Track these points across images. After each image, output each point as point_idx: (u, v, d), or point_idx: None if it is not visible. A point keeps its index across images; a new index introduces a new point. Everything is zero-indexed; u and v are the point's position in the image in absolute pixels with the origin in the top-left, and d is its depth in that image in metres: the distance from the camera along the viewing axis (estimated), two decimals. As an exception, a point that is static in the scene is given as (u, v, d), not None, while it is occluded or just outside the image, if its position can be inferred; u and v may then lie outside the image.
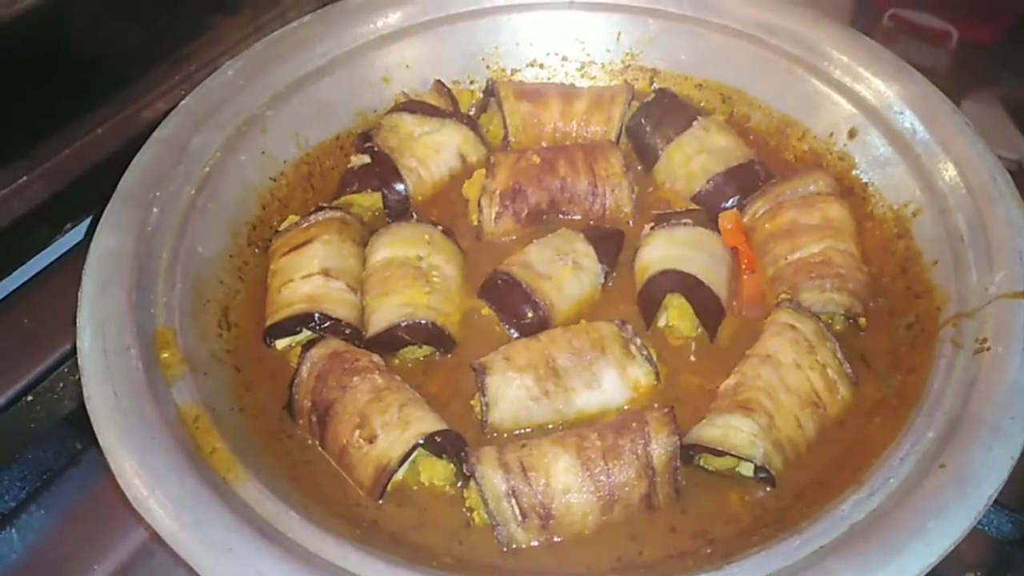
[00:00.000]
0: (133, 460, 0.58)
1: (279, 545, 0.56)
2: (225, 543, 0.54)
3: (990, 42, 1.12)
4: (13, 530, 0.72)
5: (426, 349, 0.74)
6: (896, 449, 0.61)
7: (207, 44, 0.93)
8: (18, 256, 0.84)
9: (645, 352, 0.71)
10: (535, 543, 0.64)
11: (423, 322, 0.73)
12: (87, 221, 0.86)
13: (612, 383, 0.70)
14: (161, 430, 0.60)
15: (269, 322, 0.74)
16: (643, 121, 0.87)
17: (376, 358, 0.71)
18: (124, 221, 0.71)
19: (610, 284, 0.79)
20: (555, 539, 0.64)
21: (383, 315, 0.73)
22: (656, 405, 0.69)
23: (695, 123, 0.85)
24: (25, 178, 0.83)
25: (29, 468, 0.74)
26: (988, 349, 0.64)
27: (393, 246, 0.77)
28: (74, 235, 0.86)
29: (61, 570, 0.70)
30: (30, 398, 0.78)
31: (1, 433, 0.75)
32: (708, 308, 0.74)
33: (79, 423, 0.70)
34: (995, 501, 0.56)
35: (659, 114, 0.86)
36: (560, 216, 0.84)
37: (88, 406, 0.60)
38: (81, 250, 0.70)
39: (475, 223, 0.82)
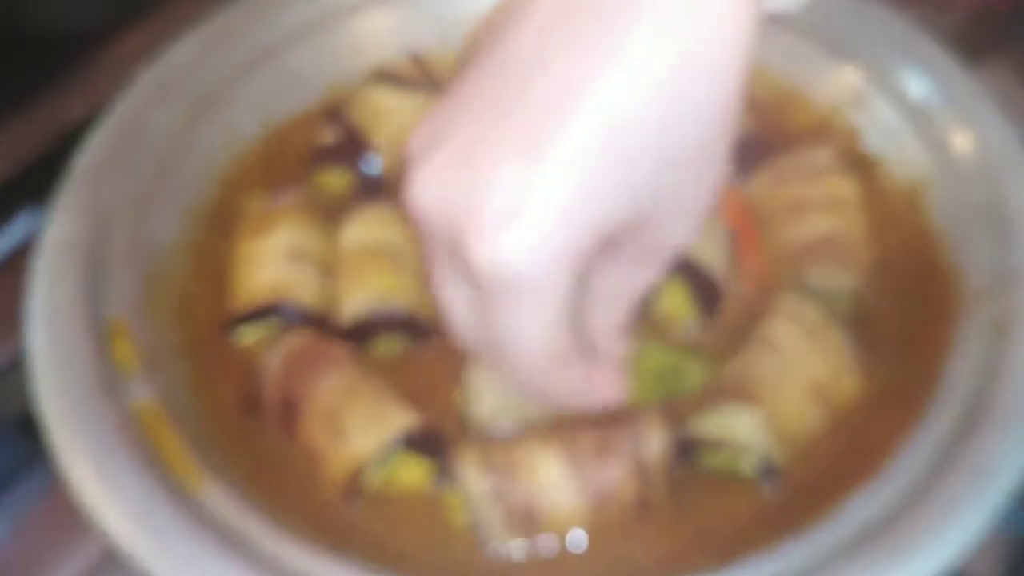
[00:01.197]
0: (86, 463, 0.54)
1: (243, 553, 0.52)
2: (185, 552, 0.51)
3: (1004, 6, 1.08)
4: (-35, 537, 0.69)
5: (402, 339, 0.70)
6: (908, 441, 0.58)
7: (166, 15, 0.88)
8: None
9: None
10: (520, 545, 0.60)
11: (398, 309, 0.68)
12: (38, 207, 0.82)
13: (602, 373, 0.66)
14: (116, 430, 0.56)
15: (232, 312, 0.70)
16: (633, 91, 0.83)
17: (348, 349, 0.67)
18: (77, 206, 0.67)
19: (599, 267, 0.75)
20: (542, 542, 0.60)
21: (355, 303, 0.69)
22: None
23: (689, 93, 0.81)
24: (-24, 162, 0.79)
25: (-18, 471, 0.71)
26: (1006, 331, 0.60)
27: (366, 228, 0.72)
28: (24, 223, 0.82)
29: (20, 576, 0.67)
30: (-21, 398, 0.74)
31: (-47, 435, 0.72)
32: (705, 290, 0.70)
33: (32, 423, 0.68)
34: (1014, 496, 0.53)
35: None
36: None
37: (37, 405, 0.57)
38: (31, 239, 0.66)
39: (456, 203, 0.78)
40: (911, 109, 0.75)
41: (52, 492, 0.70)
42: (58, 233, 0.65)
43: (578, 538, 0.61)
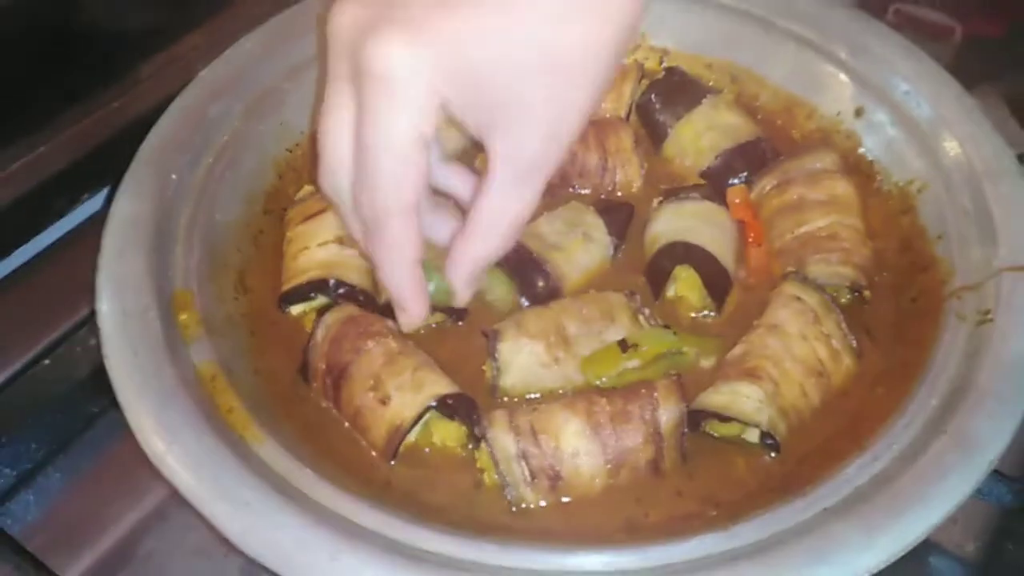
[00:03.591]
0: (151, 417, 0.58)
1: (295, 500, 0.56)
2: (242, 497, 0.55)
3: (994, 35, 1.13)
4: (29, 492, 0.73)
5: (439, 316, 0.75)
6: (899, 417, 0.62)
7: (227, 18, 0.93)
8: (36, 224, 0.84)
9: (653, 322, 0.73)
10: (543, 503, 0.65)
11: (436, 288, 0.73)
12: (104, 191, 0.87)
13: (621, 351, 0.71)
14: (179, 388, 0.60)
15: (284, 288, 0.75)
16: (653, 98, 0.87)
17: (390, 323, 0.71)
18: (144, 187, 0.71)
19: (619, 256, 0.80)
20: (563, 500, 0.65)
21: (397, 282, 0.74)
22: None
23: (704, 101, 0.86)
24: (44, 148, 0.83)
25: (45, 431, 0.75)
26: (991, 320, 0.65)
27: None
28: (91, 205, 0.87)
29: (76, 531, 0.72)
30: (47, 362, 0.78)
31: (18, 396, 0.76)
32: (716, 279, 0.75)
33: (95, 387, 0.71)
34: (996, 471, 0.57)
35: (669, 92, 0.87)
36: (571, 190, 0.85)
37: (107, 365, 0.61)
38: (97, 220, 0.70)
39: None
40: (907, 120, 0.80)
41: (110, 452, 0.75)
42: (126, 210, 0.70)
43: (596, 498, 0.65)
